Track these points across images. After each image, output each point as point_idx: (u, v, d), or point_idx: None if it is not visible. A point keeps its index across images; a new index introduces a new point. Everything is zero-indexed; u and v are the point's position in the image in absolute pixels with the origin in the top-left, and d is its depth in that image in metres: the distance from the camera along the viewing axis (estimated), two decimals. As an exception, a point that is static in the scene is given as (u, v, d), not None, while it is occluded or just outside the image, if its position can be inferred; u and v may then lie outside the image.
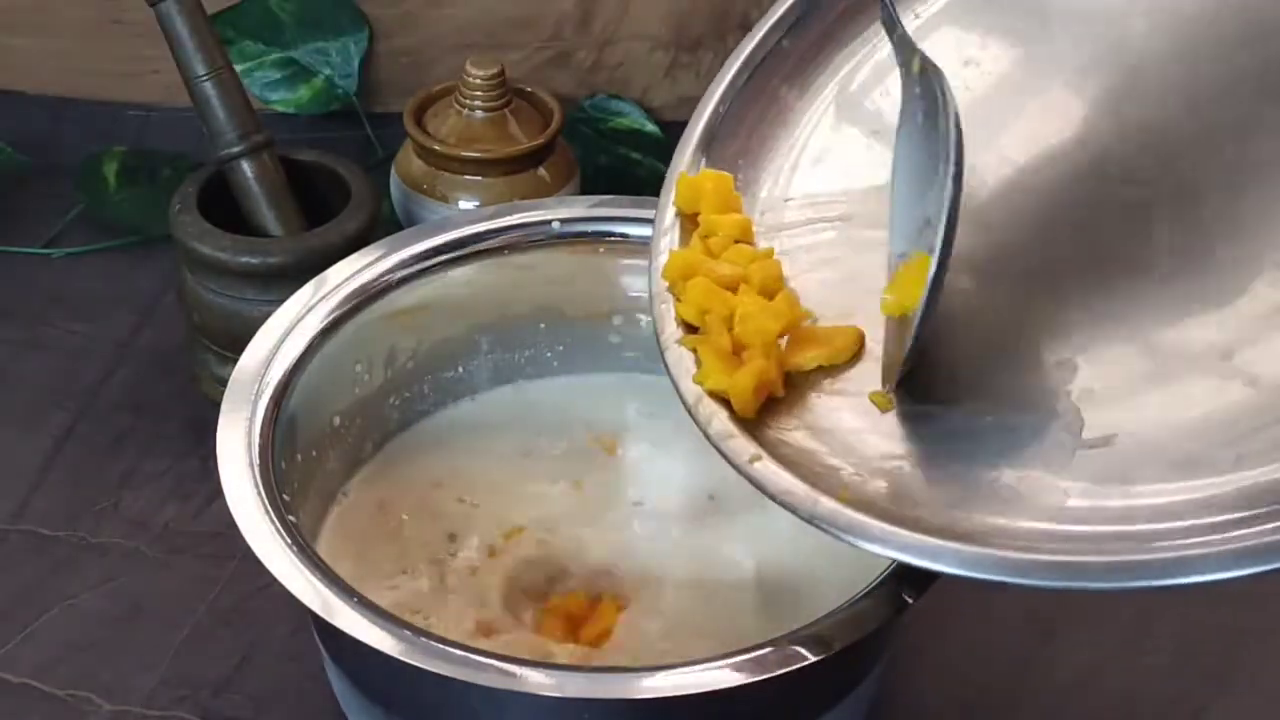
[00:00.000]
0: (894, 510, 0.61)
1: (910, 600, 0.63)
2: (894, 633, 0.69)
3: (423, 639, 0.62)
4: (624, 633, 0.70)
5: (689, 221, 0.71)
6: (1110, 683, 0.76)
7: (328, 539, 0.73)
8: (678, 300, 0.69)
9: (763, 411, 0.66)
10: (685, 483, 0.76)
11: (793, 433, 0.65)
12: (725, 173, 0.72)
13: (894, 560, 0.61)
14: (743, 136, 0.74)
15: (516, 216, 0.79)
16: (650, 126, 1.03)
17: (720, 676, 0.61)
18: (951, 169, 0.62)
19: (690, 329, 0.68)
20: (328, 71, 1.02)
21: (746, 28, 1.02)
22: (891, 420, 0.65)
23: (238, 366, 0.72)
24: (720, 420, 0.65)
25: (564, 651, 0.69)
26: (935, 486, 0.63)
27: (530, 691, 0.61)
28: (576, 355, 0.81)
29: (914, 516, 0.61)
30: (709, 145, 0.74)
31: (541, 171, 0.93)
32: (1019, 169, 0.70)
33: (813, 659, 0.61)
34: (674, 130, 1.02)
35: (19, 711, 0.74)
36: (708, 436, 0.65)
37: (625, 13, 1.02)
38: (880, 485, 0.63)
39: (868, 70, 0.74)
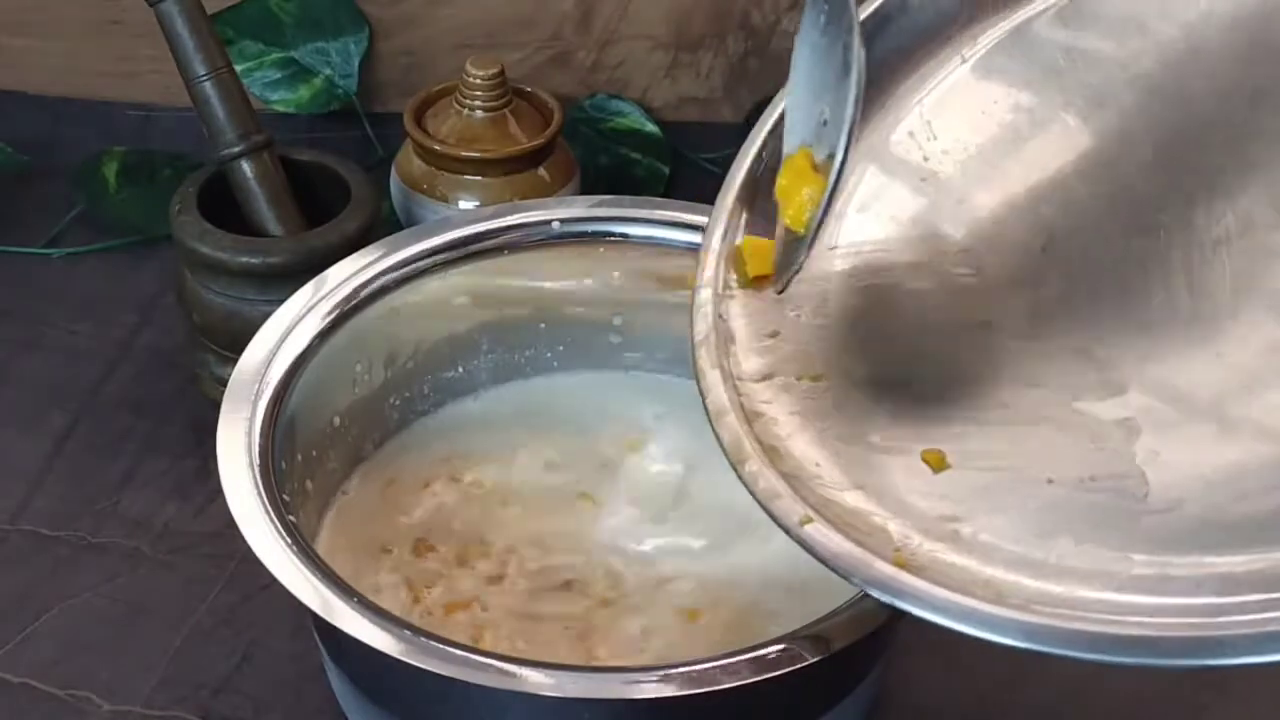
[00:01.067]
0: (948, 576, 0.59)
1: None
2: (894, 633, 0.69)
3: (422, 639, 0.62)
4: (622, 630, 0.70)
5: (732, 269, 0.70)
6: (1110, 683, 0.76)
7: (328, 539, 0.73)
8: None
9: (811, 471, 0.64)
10: (687, 481, 0.76)
11: (842, 493, 0.63)
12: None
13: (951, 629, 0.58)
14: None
15: (516, 216, 0.79)
16: (650, 126, 1.03)
17: (720, 676, 0.61)
18: (855, 74, 0.63)
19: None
20: (328, 71, 1.02)
21: (747, 28, 1.03)
22: (945, 480, 0.63)
23: (238, 366, 0.71)
24: (767, 479, 0.63)
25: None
26: (990, 551, 0.60)
27: (530, 691, 0.61)
28: (576, 355, 0.81)
29: (970, 582, 0.58)
30: (752, 196, 0.71)
31: (541, 171, 0.93)
32: (1060, 219, 0.68)
33: (813, 659, 0.61)
34: (674, 130, 1.04)
35: (19, 711, 0.74)
36: (754, 496, 0.63)
37: (625, 13, 1.02)
38: (933, 548, 0.60)
39: (914, 118, 0.72)
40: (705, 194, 0.77)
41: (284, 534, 0.65)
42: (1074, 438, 0.63)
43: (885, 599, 0.59)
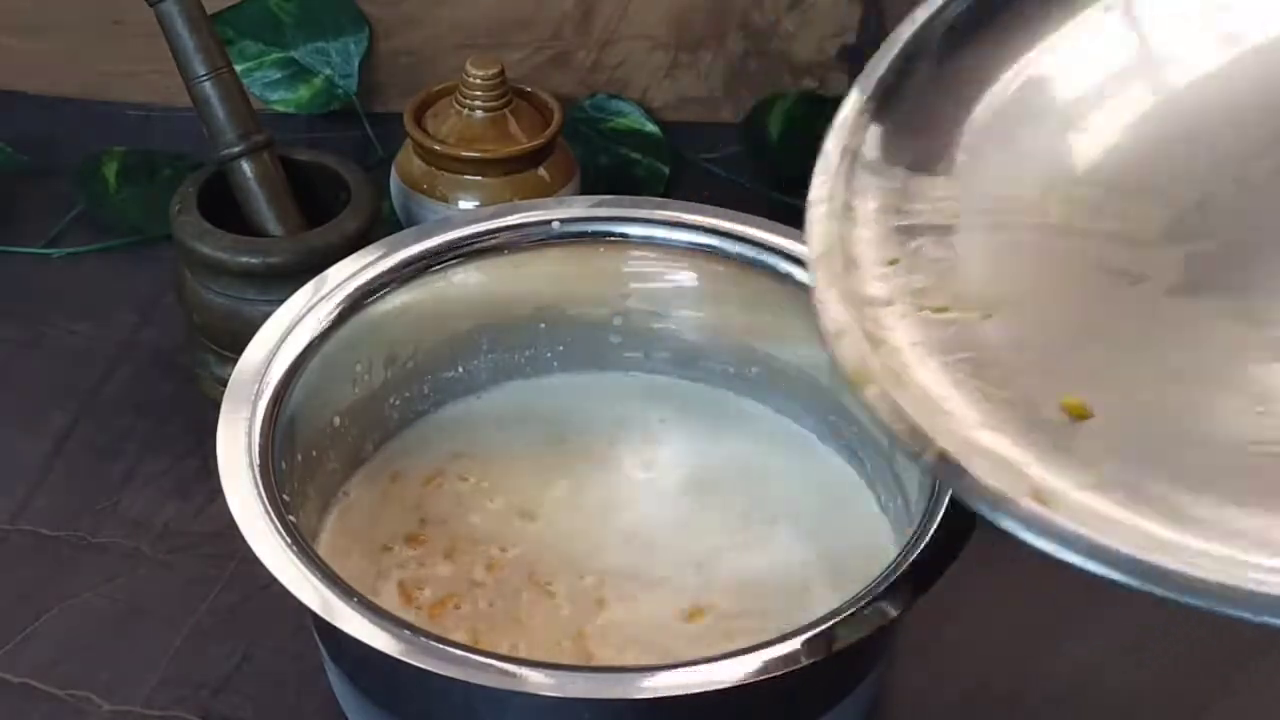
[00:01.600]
0: (1104, 527, 0.54)
1: (910, 601, 0.63)
2: (894, 633, 0.69)
3: (423, 639, 0.61)
4: (621, 630, 0.70)
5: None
6: (1110, 682, 0.76)
7: (328, 539, 0.73)
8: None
9: (937, 404, 0.60)
10: (686, 481, 0.76)
11: (974, 431, 0.59)
12: None
13: (1096, 573, 0.54)
14: (906, 114, 0.68)
15: (516, 216, 0.79)
16: (650, 126, 1.03)
17: (720, 676, 0.61)
18: None
19: None
20: (328, 71, 1.02)
21: (747, 28, 1.03)
22: (1088, 430, 0.58)
23: (238, 366, 0.71)
24: (893, 404, 0.59)
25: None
26: (1146, 505, 0.55)
27: (530, 691, 0.61)
28: (576, 355, 0.81)
29: (1129, 535, 0.54)
30: (880, 106, 0.67)
31: (541, 171, 0.93)
32: (1214, 174, 0.65)
33: (813, 659, 0.61)
34: (674, 130, 1.03)
35: (19, 711, 0.74)
36: (879, 420, 0.59)
37: (625, 13, 1.02)
38: (1081, 497, 0.56)
39: (1055, 59, 0.68)
40: (705, 194, 0.77)
41: (284, 534, 0.65)
42: (1236, 399, 0.59)
43: (1043, 545, 0.55)
